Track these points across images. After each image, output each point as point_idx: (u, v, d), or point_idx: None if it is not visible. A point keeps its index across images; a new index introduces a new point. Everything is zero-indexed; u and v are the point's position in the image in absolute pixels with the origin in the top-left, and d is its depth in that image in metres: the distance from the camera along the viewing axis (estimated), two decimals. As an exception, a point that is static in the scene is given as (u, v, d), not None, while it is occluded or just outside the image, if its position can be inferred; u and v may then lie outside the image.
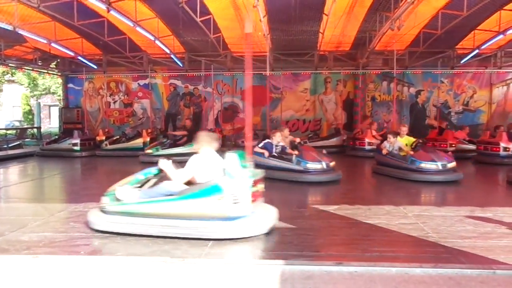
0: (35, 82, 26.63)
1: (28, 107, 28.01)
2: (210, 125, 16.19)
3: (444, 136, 12.22)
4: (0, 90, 29.00)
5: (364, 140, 12.51)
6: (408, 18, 10.48)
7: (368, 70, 15.63)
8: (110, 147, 13.45)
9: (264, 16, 10.16)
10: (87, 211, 4.93)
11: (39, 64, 15.96)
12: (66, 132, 15.31)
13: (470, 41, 13.59)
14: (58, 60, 16.90)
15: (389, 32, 11.12)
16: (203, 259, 3.61)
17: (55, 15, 10.43)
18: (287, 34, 13.28)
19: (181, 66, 15.55)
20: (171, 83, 16.96)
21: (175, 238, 4.10)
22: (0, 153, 12.84)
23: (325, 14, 10.68)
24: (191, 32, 12.77)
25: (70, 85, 17.50)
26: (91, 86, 17.32)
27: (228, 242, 4.07)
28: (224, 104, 16.74)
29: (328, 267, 3.35)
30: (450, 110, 16.10)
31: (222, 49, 14.01)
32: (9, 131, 19.70)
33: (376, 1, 10.53)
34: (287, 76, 16.16)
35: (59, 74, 17.88)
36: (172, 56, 14.54)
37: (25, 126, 23.83)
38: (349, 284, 3.07)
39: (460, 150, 11.67)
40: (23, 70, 17.95)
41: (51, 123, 28.82)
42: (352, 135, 14.05)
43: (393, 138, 8.74)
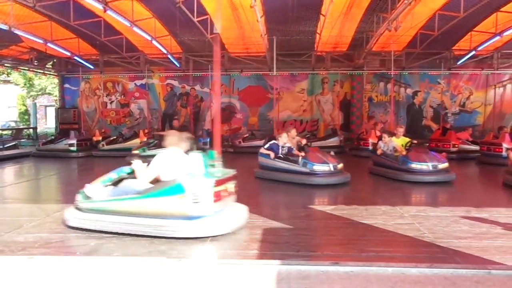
0: (31, 82, 26.45)
1: (24, 107, 27.84)
2: (207, 125, 16.17)
3: (447, 137, 12.20)
4: (-4, 90, 28.83)
5: (368, 141, 12.47)
6: (405, 19, 10.50)
7: (365, 70, 15.68)
8: (106, 147, 13.39)
9: (261, 17, 10.16)
10: None
11: (35, 64, 15.90)
12: (62, 132, 15.22)
13: (467, 42, 13.67)
14: (54, 60, 16.83)
15: (386, 33, 11.17)
16: (200, 260, 3.59)
17: (51, 14, 10.41)
18: (284, 34, 13.28)
19: (178, 66, 15.53)
20: (168, 83, 16.94)
21: (171, 238, 4.10)
22: (-4, 153, 12.77)
23: (322, 15, 10.68)
24: (188, 32, 12.76)
25: (67, 85, 17.45)
26: (88, 86, 17.27)
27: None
28: (221, 104, 16.71)
29: (325, 267, 3.35)
30: (446, 111, 16.17)
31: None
32: (5, 132, 19.60)
33: (373, 2, 10.56)
34: (284, 76, 16.17)
35: (55, 74, 17.81)
36: (169, 56, 14.52)
37: (21, 127, 23.68)
38: (345, 284, 3.07)
39: (463, 151, 11.70)
40: (19, 70, 17.90)
41: (47, 124, 28.66)
42: (356, 135, 14.00)
43: (387, 138, 8.71)
